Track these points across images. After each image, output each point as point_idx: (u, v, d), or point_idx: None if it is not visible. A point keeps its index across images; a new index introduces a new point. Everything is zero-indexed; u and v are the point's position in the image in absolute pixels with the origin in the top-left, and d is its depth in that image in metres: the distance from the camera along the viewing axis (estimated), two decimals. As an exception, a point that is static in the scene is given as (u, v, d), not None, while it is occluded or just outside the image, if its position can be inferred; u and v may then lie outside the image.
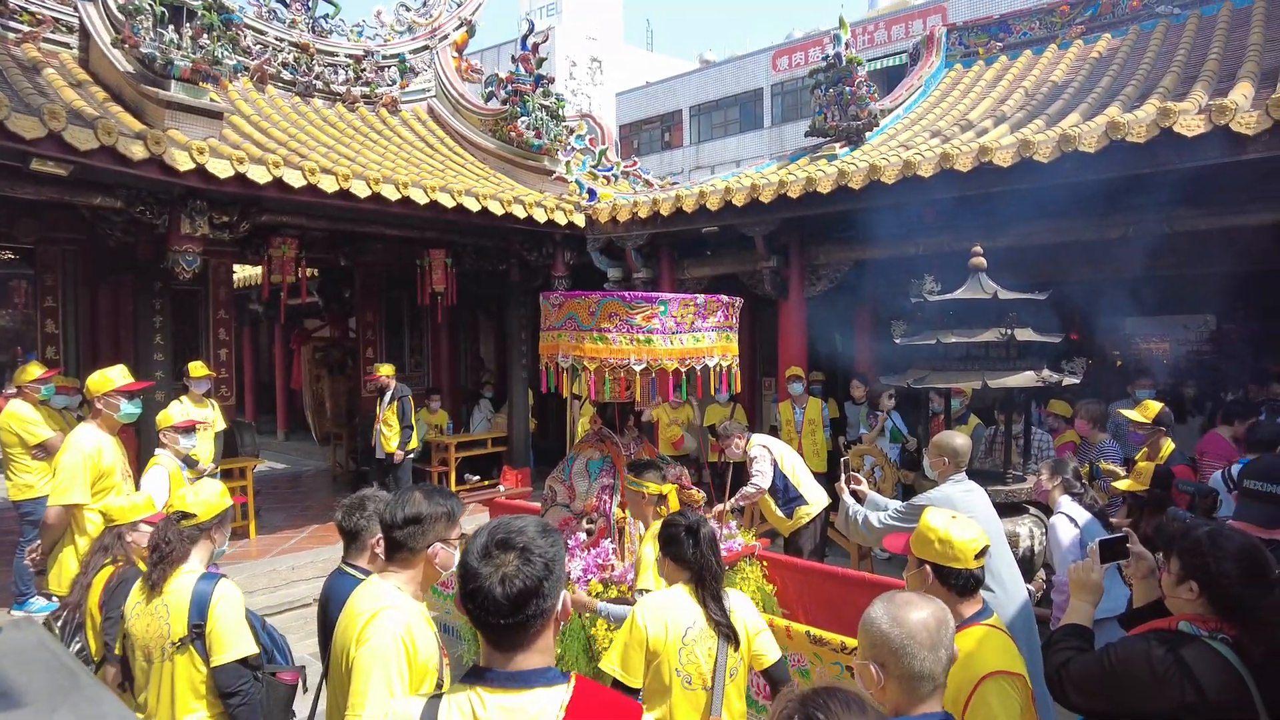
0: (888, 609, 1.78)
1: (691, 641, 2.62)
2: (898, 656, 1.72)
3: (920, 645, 1.72)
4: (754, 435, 5.99)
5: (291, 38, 9.72)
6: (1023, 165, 6.01)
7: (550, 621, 1.57)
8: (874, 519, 4.28)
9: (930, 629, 1.73)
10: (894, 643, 1.73)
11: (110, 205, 6.55)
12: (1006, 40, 10.68)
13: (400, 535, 2.28)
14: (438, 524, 2.28)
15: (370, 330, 11.18)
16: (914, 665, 1.71)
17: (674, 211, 8.07)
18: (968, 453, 4.12)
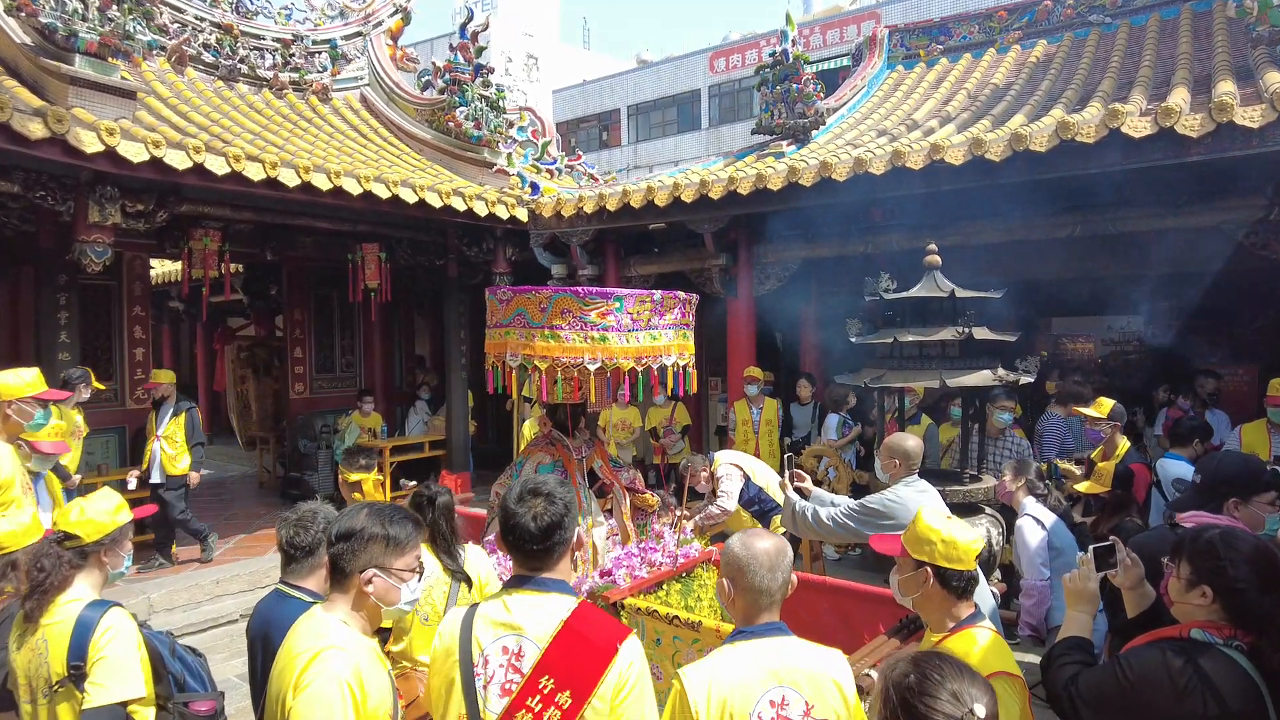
0: (741, 538, 2.12)
1: (430, 586, 3.16)
2: (744, 574, 2.05)
3: (762, 566, 2.04)
4: (720, 454, 5.74)
5: (213, 18, 9.15)
6: (974, 164, 6.00)
7: (569, 549, 2.16)
8: (824, 515, 4.13)
9: (771, 555, 2.07)
10: (742, 562, 2.06)
11: (5, 189, 5.98)
12: (947, 43, 10.82)
13: (333, 552, 2.01)
14: (373, 545, 1.98)
15: (298, 329, 10.63)
16: (756, 581, 2.04)
17: (621, 207, 7.86)
18: (920, 455, 4.02)
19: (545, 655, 1.99)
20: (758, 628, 2.05)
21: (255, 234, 8.97)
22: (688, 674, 1.99)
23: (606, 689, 1.96)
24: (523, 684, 1.98)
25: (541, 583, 2.08)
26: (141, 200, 6.47)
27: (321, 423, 10.34)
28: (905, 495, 3.82)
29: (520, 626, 2.03)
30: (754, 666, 1.99)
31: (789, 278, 7.84)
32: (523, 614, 2.05)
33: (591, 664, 1.97)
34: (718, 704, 1.93)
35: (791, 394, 8.64)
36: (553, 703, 1.95)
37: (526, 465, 4.81)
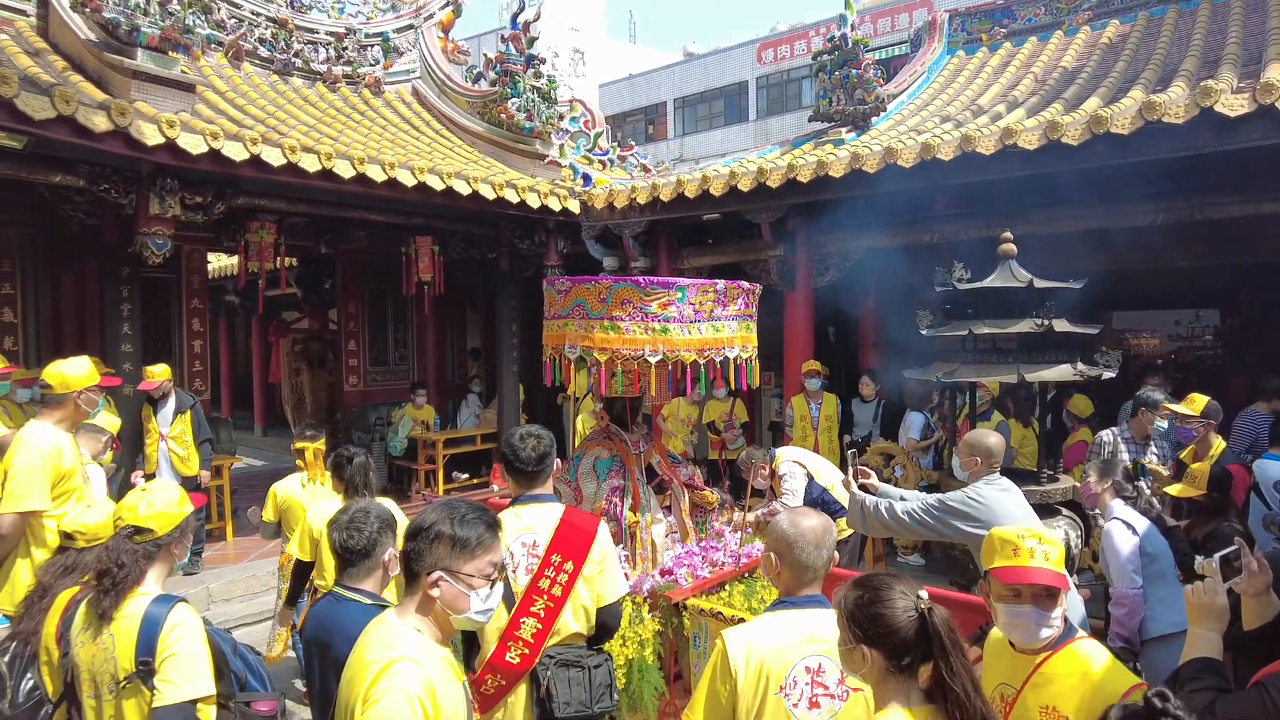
0: (790, 516, 2.23)
1: None
2: (792, 549, 2.15)
3: (809, 543, 2.15)
4: (782, 450, 5.52)
5: (269, 12, 9.22)
6: (1050, 149, 5.70)
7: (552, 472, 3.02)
8: (899, 510, 3.92)
9: (818, 532, 2.17)
10: (790, 539, 2.16)
11: (71, 183, 6.06)
12: (1010, 26, 10.41)
13: (404, 550, 1.91)
14: (439, 545, 1.85)
15: (352, 322, 10.70)
16: (803, 557, 2.14)
17: (675, 197, 7.69)
18: (1002, 452, 3.80)
19: (552, 541, 2.81)
20: (800, 599, 2.16)
21: (310, 227, 9.01)
22: (729, 636, 2.12)
23: (593, 557, 2.83)
24: (540, 563, 2.78)
25: (538, 497, 2.95)
26: (200, 193, 6.50)
27: (375, 415, 10.39)
28: (988, 494, 3.61)
29: (532, 526, 2.85)
30: (793, 634, 2.10)
31: (849, 268, 7.60)
32: (531, 519, 2.87)
33: (582, 542, 2.82)
34: (755, 665, 2.05)
35: (849, 389, 8.39)
36: (561, 569, 2.79)
37: (583, 460, 4.69)
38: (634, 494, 4.49)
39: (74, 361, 3.78)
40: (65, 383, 3.72)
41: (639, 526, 4.41)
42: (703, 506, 4.95)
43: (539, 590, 2.76)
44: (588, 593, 2.82)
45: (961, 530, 3.56)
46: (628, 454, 4.63)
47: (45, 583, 2.66)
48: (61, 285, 8.04)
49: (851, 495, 4.08)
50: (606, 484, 4.51)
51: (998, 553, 2.15)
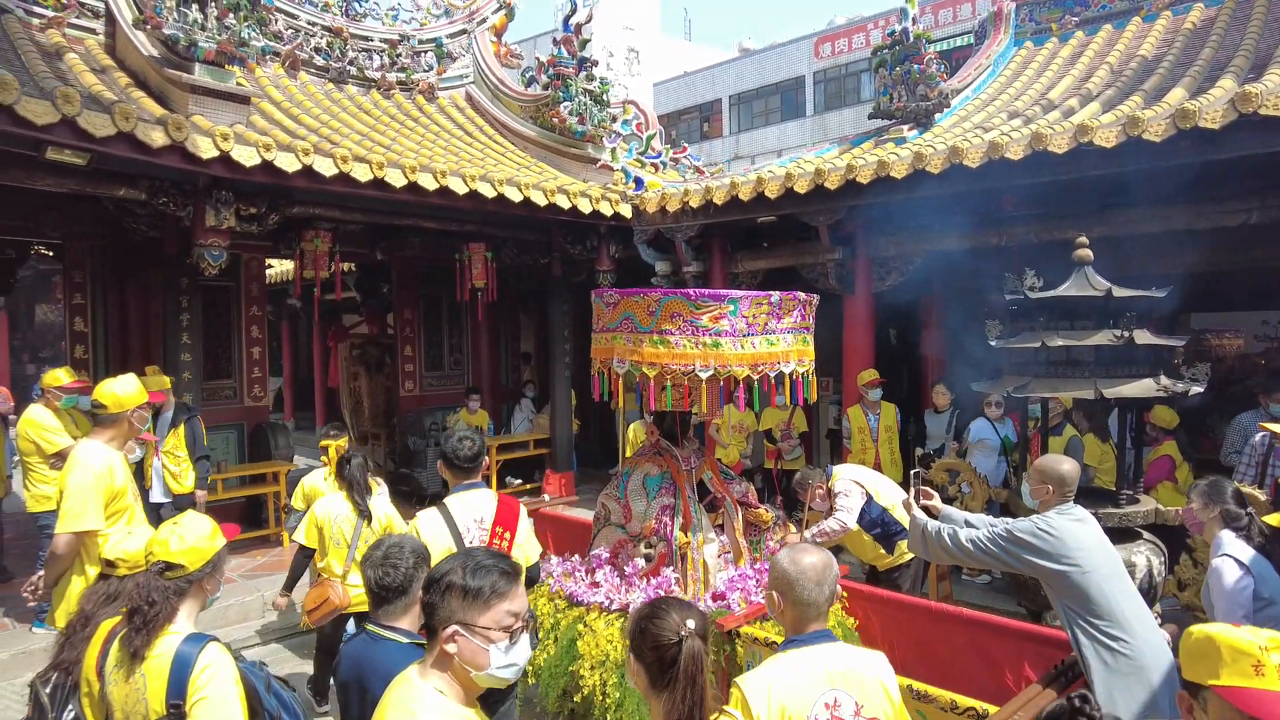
0: (789, 554, 2.24)
1: (341, 520, 4.61)
2: (793, 588, 2.17)
3: (810, 580, 2.17)
4: (840, 468, 5.26)
5: (324, 21, 9.31)
6: (1130, 146, 5.35)
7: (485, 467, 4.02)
8: (964, 537, 3.66)
9: (818, 569, 2.19)
10: (791, 577, 2.18)
11: (133, 197, 6.17)
12: (1083, 14, 9.92)
13: (423, 602, 1.81)
14: (451, 596, 1.74)
15: (408, 328, 10.77)
16: (804, 595, 2.17)
17: (729, 200, 7.50)
18: (1076, 479, 3.49)
19: (495, 517, 3.56)
20: (808, 636, 2.19)
21: (365, 234, 9.08)
22: (747, 681, 2.11)
23: (522, 528, 3.63)
24: (488, 535, 3.52)
25: (474, 485, 3.62)
26: (255, 203, 6.57)
27: (430, 420, 10.45)
28: (1061, 526, 3.32)
29: (478, 507, 3.55)
30: (808, 672, 2.13)
31: (912, 272, 7.30)
32: (474, 502, 3.56)
33: (513, 516, 3.62)
34: (777, 709, 2.05)
35: (911, 397, 8.08)
36: (502, 538, 3.55)
37: (633, 476, 4.55)
38: (685, 513, 4.34)
39: (124, 380, 3.79)
40: (119, 402, 3.73)
41: (690, 547, 4.26)
42: (757, 525, 4.77)
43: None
44: (520, 556, 3.53)
45: (1031, 563, 3.30)
46: (678, 470, 4.47)
47: (88, 611, 2.62)
48: (127, 295, 8.26)
49: (912, 518, 3.84)
50: (656, 502, 4.37)
51: (1228, 665, 1.63)
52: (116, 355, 8.24)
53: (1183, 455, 6.46)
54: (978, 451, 6.61)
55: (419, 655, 2.22)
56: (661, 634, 1.87)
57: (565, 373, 9.99)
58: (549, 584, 4.37)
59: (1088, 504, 3.95)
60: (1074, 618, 3.12)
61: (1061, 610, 3.18)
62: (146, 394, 3.88)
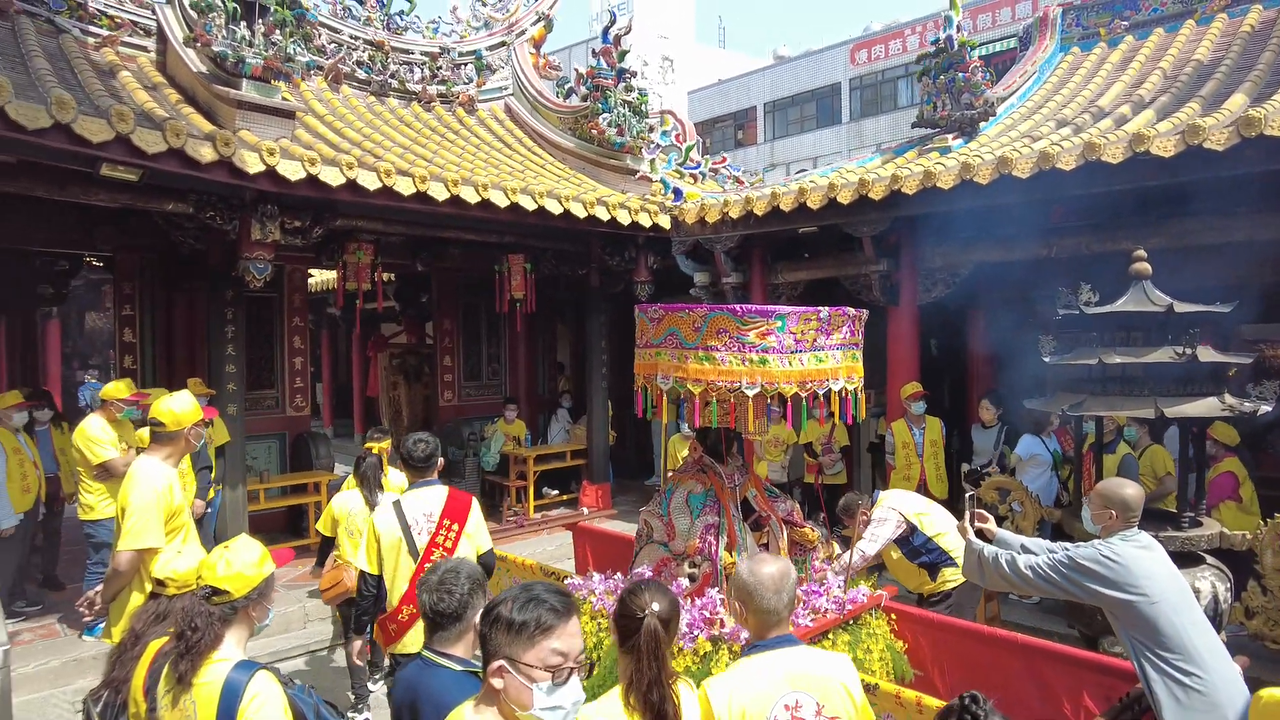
0: (749, 565, 2.36)
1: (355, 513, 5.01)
2: (753, 597, 2.29)
3: (768, 590, 2.28)
4: (885, 494, 5.11)
5: (366, 35, 9.43)
6: (1188, 155, 5.18)
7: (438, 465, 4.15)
8: (1021, 564, 3.53)
9: (776, 579, 2.30)
10: (750, 588, 2.30)
11: (182, 211, 6.28)
12: (1133, 18, 9.67)
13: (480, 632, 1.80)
14: (498, 630, 1.71)
15: (447, 337, 10.84)
16: (764, 603, 2.28)
17: (770, 211, 7.42)
18: (1140, 504, 3.34)
19: (443, 510, 3.95)
20: (769, 641, 2.30)
21: (406, 245, 9.16)
22: (711, 686, 2.25)
23: (471, 519, 3.98)
24: (435, 527, 3.91)
25: (428, 483, 4.06)
26: (299, 217, 6.64)
27: (469, 430, 10.49)
28: (1125, 553, 3.18)
29: (428, 501, 3.97)
30: (769, 675, 2.23)
31: (958, 284, 7.15)
32: (426, 497, 3.99)
33: (463, 509, 3.99)
34: (738, 711, 2.17)
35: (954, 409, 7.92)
36: (450, 529, 3.93)
37: (676, 494, 4.48)
38: (729, 532, 4.27)
39: (181, 398, 3.83)
40: (177, 420, 3.77)
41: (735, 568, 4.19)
42: (802, 544, 4.67)
43: (435, 544, 3.91)
44: (470, 545, 3.97)
45: (1095, 592, 3.17)
46: (722, 488, 4.40)
47: (138, 630, 2.64)
48: (174, 307, 8.41)
49: (968, 543, 3.72)
50: (700, 520, 4.30)
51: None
52: (163, 366, 8.39)
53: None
54: (1030, 468, 6.43)
55: (471, 683, 2.19)
56: (628, 608, 2.19)
57: (602, 383, 9.97)
58: (591, 602, 4.33)
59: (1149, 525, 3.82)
60: (1142, 650, 2.99)
61: (1128, 642, 3.05)
62: (202, 411, 3.92)
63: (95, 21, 7.60)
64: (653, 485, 11.04)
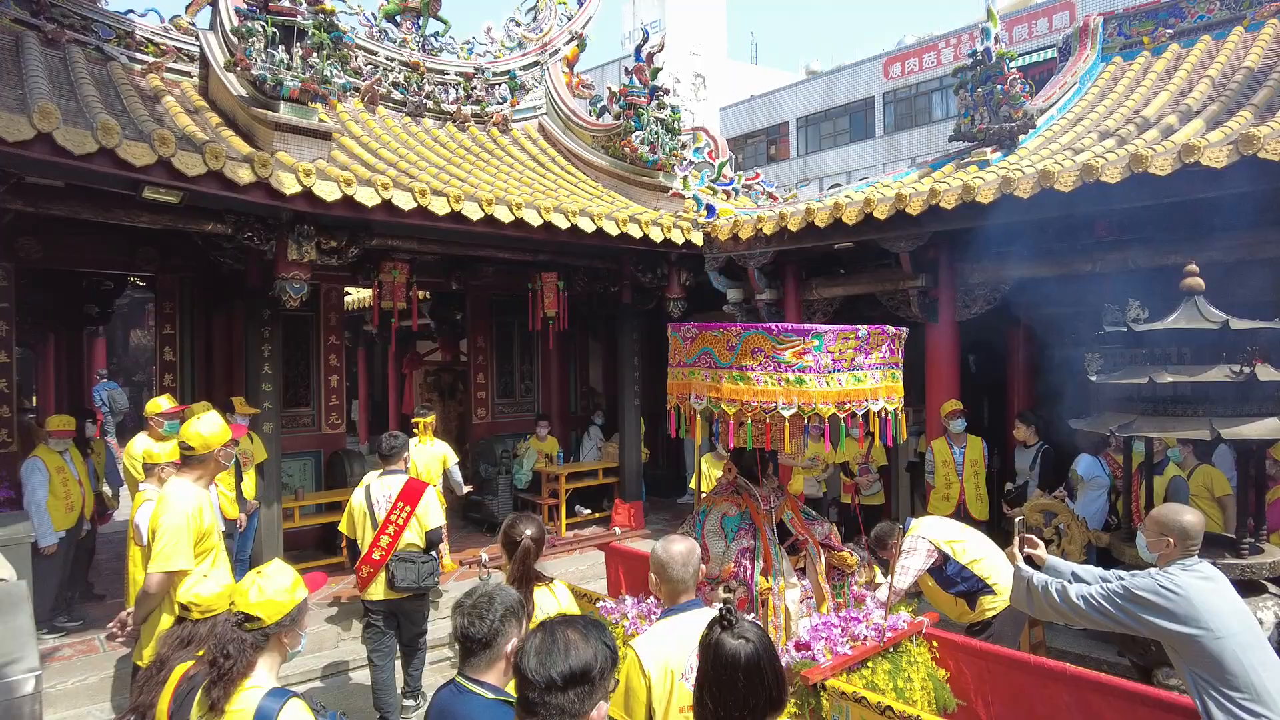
0: (663, 544, 2.87)
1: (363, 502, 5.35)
2: (666, 569, 2.80)
3: (677, 563, 2.79)
4: (919, 522, 4.94)
5: (402, 57, 9.56)
6: (1241, 165, 5.01)
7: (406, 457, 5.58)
8: (1073, 593, 3.37)
9: (684, 554, 2.82)
10: (663, 562, 2.80)
11: (220, 231, 6.37)
12: (1178, 26, 9.46)
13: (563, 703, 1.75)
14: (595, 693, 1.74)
15: (481, 355, 10.87)
16: (675, 574, 2.79)
17: (804, 227, 7.33)
18: (1200, 532, 3.18)
19: (400, 494, 5.11)
20: (681, 605, 2.80)
21: (441, 264, 9.22)
22: (638, 645, 2.68)
23: (422, 503, 5.14)
24: (390, 506, 5.09)
25: (394, 471, 5.22)
26: (335, 237, 6.70)
27: (501, 447, 10.48)
28: (1186, 584, 3.03)
29: (390, 486, 5.17)
30: (683, 633, 2.62)
31: (998, 300, 6.99)
32: (390, 482, 5.19)
33: (416, 495, 5.11)
34: (660, 665, 2.60)
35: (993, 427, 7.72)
36: (403, 510, 5.10)
37: (709, 517, 4.40)
38: (765, 556, 4.17)
39: (208, 420, 3.85)
40: (206, 443, 3.79)
41: (771, 593, 4.08)
42: (840, 569, 4.55)
43: (390, 521, 5.12)
44: (419, 524, 5.18)
45: (1153, 625, 3.02)
46: (757, 510, 4.30)
47: (163, 655, 2.63)
48: (213, 326, 8.54)
49: (1016, 571, 3.58)
50: (735, 544, 4.21)
51: None
52: (202, 384, 8.51)
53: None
54: (1089, 490, 6.20)
55: (503, 711, 2.14)
56: (511, 535, 3.36)
57: (635, 400, 9.91)
58: (623, 626, 4.25)
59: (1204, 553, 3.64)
60: (1205, 688, 2.84)
61: (1190, 678, 2.90)
62: (230, 432, 3.93)
63: (142, 49, 7.80)
64: (686, 503, 10.92)
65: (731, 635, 1.99)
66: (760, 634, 2.03)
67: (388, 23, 9.69)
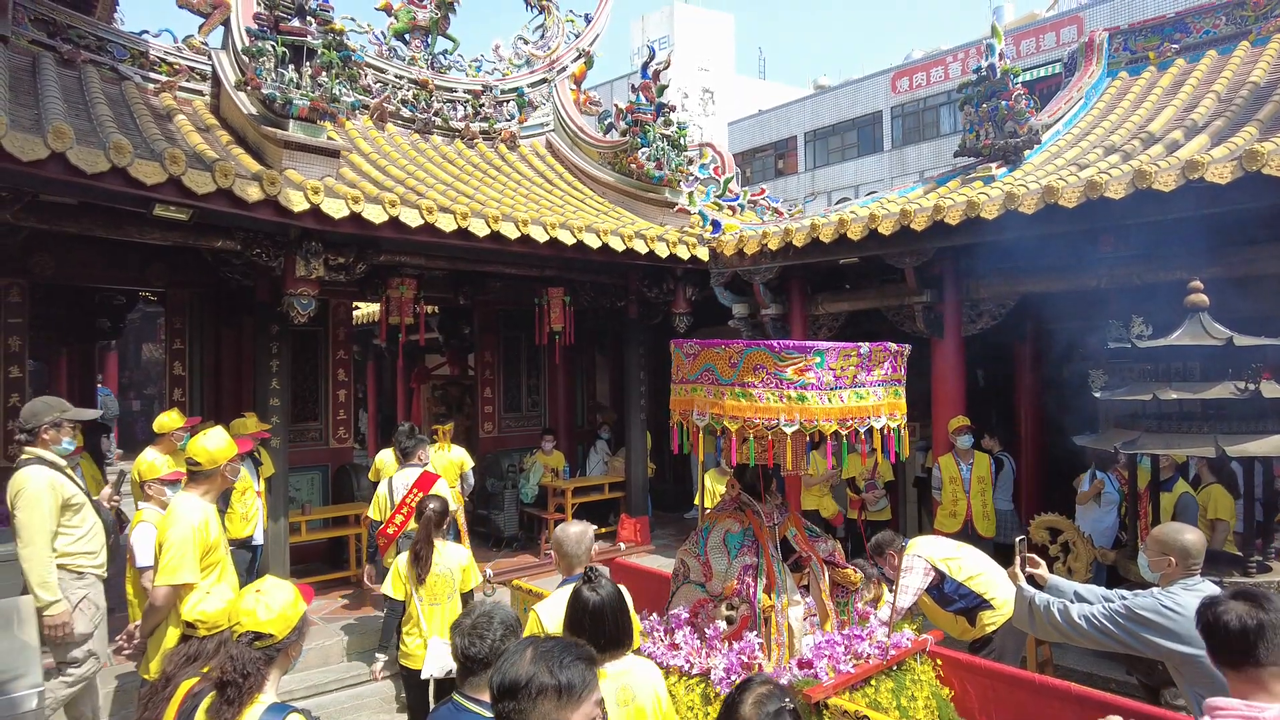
0: (562, 527, 3.71)
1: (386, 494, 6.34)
2: (562, 546, 3.62)
3: (571, 540, 3.61)
4: (915, 541, 4.93)
5: (410, 75, 9.65)
6: (1247, 181, 5.00)
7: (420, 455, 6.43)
8: (1075, 613, 3.36)
9: (577, 534, 3.64)
10: (560, 539, 3.64)
11: (230, 248, 6.44)
12: (1183, 41, 9.46)
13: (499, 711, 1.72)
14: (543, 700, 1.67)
15: (488, 369, 10.92)
16: (570, 550, 3.60)
17: (809, 242, 7.35)
18: (1201, 551, 3.18)
19: (415, 483, 5.83)
20: (574, 576, 3.35)
21: (449, 279, 9.27)
22: (539, 608, 3.36)
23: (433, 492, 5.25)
24: (406, 493, 5.80)
25: (412, 465, 6.20)
26: (343, 253, 6.77)
27: (508, 462, 10.49)
28: (1188, 603, 3.01)
29: (408, 477, 6.03)
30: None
31: (1004, 315, 6.98)
32: (408, 474, 6.09)
33: (429, 483, 5.74)
34: (555, 620, 3.04)
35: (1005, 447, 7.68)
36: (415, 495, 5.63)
37: (713, 533, 4.40)
38: (768, 573, 4.16)
39: (215, 435, 3.89)
40: (212, 458, 3.83)
41: (774, 610, 4.07)
42: (845, 586, 4.54)
43: (404, 504, 5.75)
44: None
45: (1156, 645, 3.01)
46: (761, 527, 4.30)
47: (169, 672, 2.65)
48: (222, 341, 8.61)
49: (1018, 590, 3.57)
50: (738, 561, 4.20)
51: None
52: (211, 398, 8.57)
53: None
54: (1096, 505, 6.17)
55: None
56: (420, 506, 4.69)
57: (641, 415, 9.92)
58: (628, 644, 4.25)
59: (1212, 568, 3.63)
60: (1209, 709, 2.81)
61: (1194, 700, 2.88)
62: (236, 447, 3.97)
63: (155, 68, 7.91)
64: (692, 518, 10.90)
65: (587, 589, 2.68)
66: (612, 590, 2.71)
67: (397, 41, 9.79)
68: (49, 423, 4.36)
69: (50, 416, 4.39)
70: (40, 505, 4.08)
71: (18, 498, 4.08)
